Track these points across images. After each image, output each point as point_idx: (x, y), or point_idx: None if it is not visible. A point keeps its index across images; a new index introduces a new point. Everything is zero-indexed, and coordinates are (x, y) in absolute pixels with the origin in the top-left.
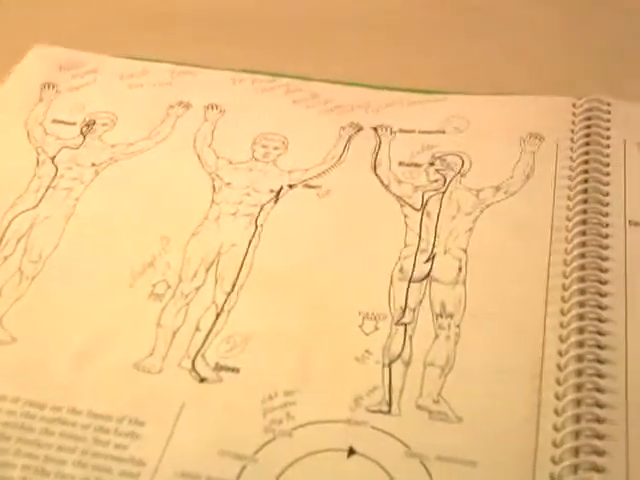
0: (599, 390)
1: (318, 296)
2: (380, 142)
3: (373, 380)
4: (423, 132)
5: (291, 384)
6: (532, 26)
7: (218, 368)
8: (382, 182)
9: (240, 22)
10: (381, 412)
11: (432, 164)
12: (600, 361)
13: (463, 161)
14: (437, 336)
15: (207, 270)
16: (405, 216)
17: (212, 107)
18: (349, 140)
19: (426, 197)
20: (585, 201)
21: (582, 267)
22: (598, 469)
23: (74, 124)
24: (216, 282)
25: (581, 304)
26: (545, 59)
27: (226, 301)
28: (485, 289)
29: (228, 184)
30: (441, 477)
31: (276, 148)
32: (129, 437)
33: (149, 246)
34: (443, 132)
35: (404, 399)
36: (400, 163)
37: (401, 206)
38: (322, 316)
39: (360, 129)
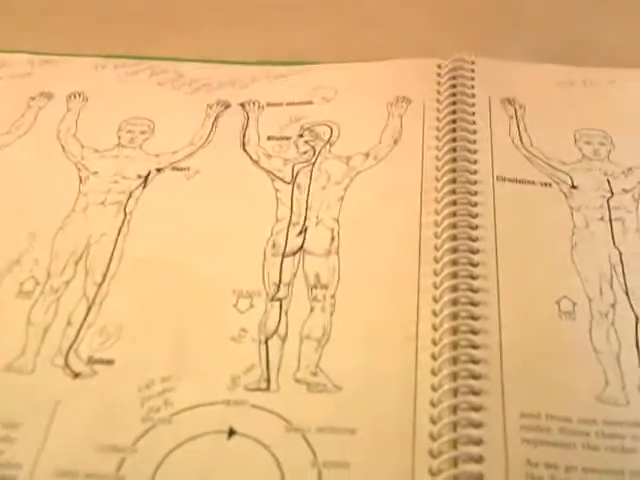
0: (474, 347)
1: (191, 279)
2: (248, 118)
3: (250, 358)
4: (291, 104)
5: (168, 370)
6: None
7: (92, 361)
8: (251, 158)
9: (100, 7)
10: (260, 390)
11: (301, 136)
12: (474, 318)
13: (332, 130)
14: (312, 308)
15: (76, 263)
16: (276, 190)
17: (74, 95)
18: (216, 118)
19: (296, 169)
20: (454, 160)
21: (453, 226)
22: (475, 425)
23: None
24: (86, 274)
25: (453, 262)
26: (408, 22)
27: (97, 293)
28: (358, 257)
29: (95, 173)
30: (322, 448)
31: (142, 132)
32: (3, 442)
33: (15, 243)
34: (310, 103)
35: (282, 374)
36: (269, 137)
37: (272, 180)
38: (196, 298)
39: (227, 106)
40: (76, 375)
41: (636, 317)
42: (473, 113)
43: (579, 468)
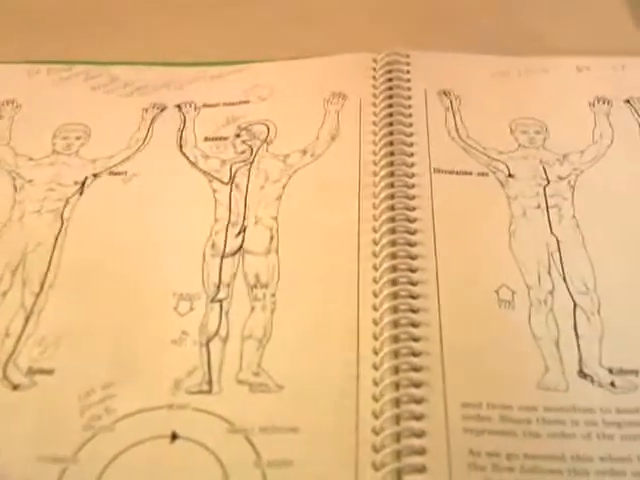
0: (414, 339)
1: (130, 284)
2: (185, 120)
3: (192, 361)
4: (227, 104)
5: (109, 377)
6: None
7: (31, 372)
8: (189, 160)
9: (30, 12)
10: (202, 392)
11: (238, 136)
12: (414, 310)
13: (269, 129)
14: (253, 308)
15: (13, 273)
16: (214, 191)
17: (7, 103)
18: (152, 121)
19: (234, 169)
20: (391, 154)
21: (391, 219)
22: (417, 417)
23: None
24: (24, 284)
25: (392, 256)
26: (343, 18)
27: (35, 302)
28: (298, 255)
29: (30, 181)
30: (265, 448)
31: (78, 138)
32: None
33: None
34: (247, 102)
35: (224, 376)
36: (206, 138)
37: (209, 181)
38: (136, 303)
39: (163, 109)
40: (15, 387)
41: (574, 302)
42: (409, 106)
43: (520, 455)
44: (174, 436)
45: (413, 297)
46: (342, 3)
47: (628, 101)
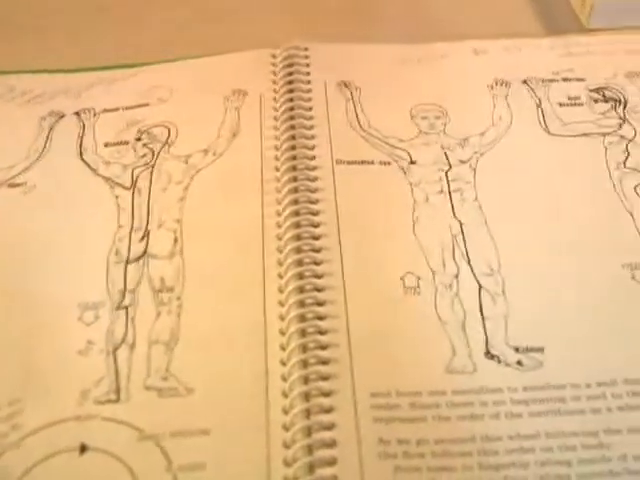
0: (321, 332)
1: (34, 298)
2: (84, 126)
3: (99, 370)
4: (127, 108)
5: (15, 393)
6: None
7: None
8: (90, 167)
9: None
10: (110, 401)
11: (139, 139)
12: (320, 303)
13: (169, 130)
14: (159, 313)
15: None
16: (116, 197)
17: None
18: (51, 130)
19: (136, 174)
20: (293, 147)
21: (295, 213)
22: (327, 410)
23: None
24: None
25: (297, 250)
26: (240, 15)
27: None
28: (203, 256)
29: None
30: (177, 452)
31: None
32: None
33: None
34: (147, 105)
35: (132, 383)
36: (106, 144)
37: (111, 188)
38: (40, 316)
39: (62, 116)
40: None
41: (479, 285)
42: (309, 99)
43: (431, 440)
44: (83, 448)
45: (319, 290)
46: (239, 0)
47: (525, 82)
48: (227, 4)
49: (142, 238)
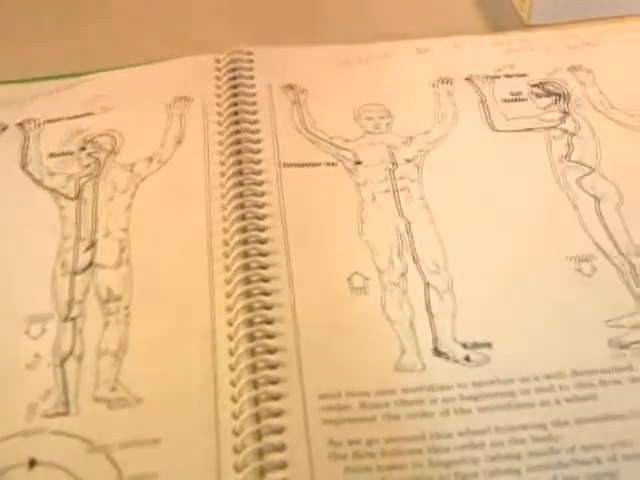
0: (269, 336)
1: None
2: (28, 137)
3: (46, 384)
4: (71, 118)
5: None
6: None
7: None
8: (34, 178)
9: None
10: (59, 414)
11: (83, 149)
12: (267, 307)
13: (114, 139)
14: (107, 323)
15: None
16: (61, 208)
17: None
18: None
19: (81, 184)
20: (238, 152)
21: (242, 218)
22: (276, 414)
23: None
24: None
25: (244, 255)
26: (183, 21)
27: None
28: (150, 264)
29: None
30: (127, 463)
31: None
32: None
33: None
34: (91, 114)
35: (81, 395)
36: (51, 154)
37: (56, 199)
38: None
39: (5, 128)
40: None
41: (426, 282)
42: (254, 103)
43: (381, 440)
44: (32, 462)
45: (266, 294)
46: (182, 6)
47: (469, 79)
48: (167, 11)
49: (88, 248)
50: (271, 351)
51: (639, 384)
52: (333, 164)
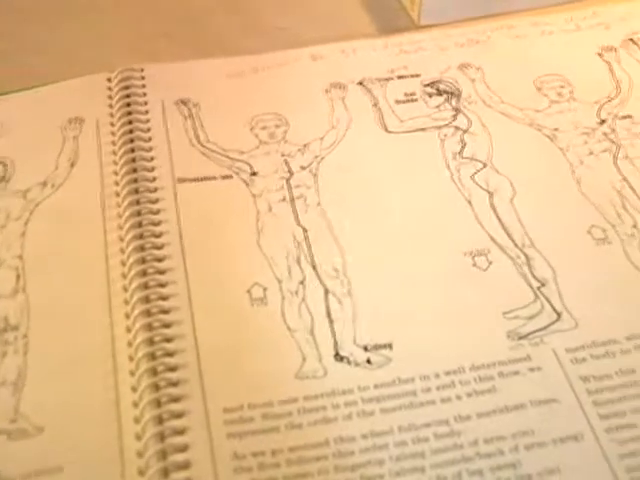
0: (169, 355)
1: None
2: None
3: None
4: None
5: None
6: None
7: None
8: None
9: None
10: None
11: None
12: (167, 325)
13: (6, 166)
14: (5, 353)
15: None
16: None
17: None
18: None
19: None
20: (134, 170)
21: (139, 236)
22: (180, 431)
23: None
24: None
25: (142, 274)
26: (73, 42)
27: None
28: (47, 290)
29: None
30: None
31: None
32: None
33: None
34: None
35: None
36: None
37: None
38: None
39: None
40: None
41: (325, 288)
42: (147, 120)
43: (285, 449)
44: None
45: (165, 312)
46: (69, 27)
47: (361, 83)
48: (56, 33)
49: None
50: (172, 369)
51: (538, 373)
52: (229, 177)
